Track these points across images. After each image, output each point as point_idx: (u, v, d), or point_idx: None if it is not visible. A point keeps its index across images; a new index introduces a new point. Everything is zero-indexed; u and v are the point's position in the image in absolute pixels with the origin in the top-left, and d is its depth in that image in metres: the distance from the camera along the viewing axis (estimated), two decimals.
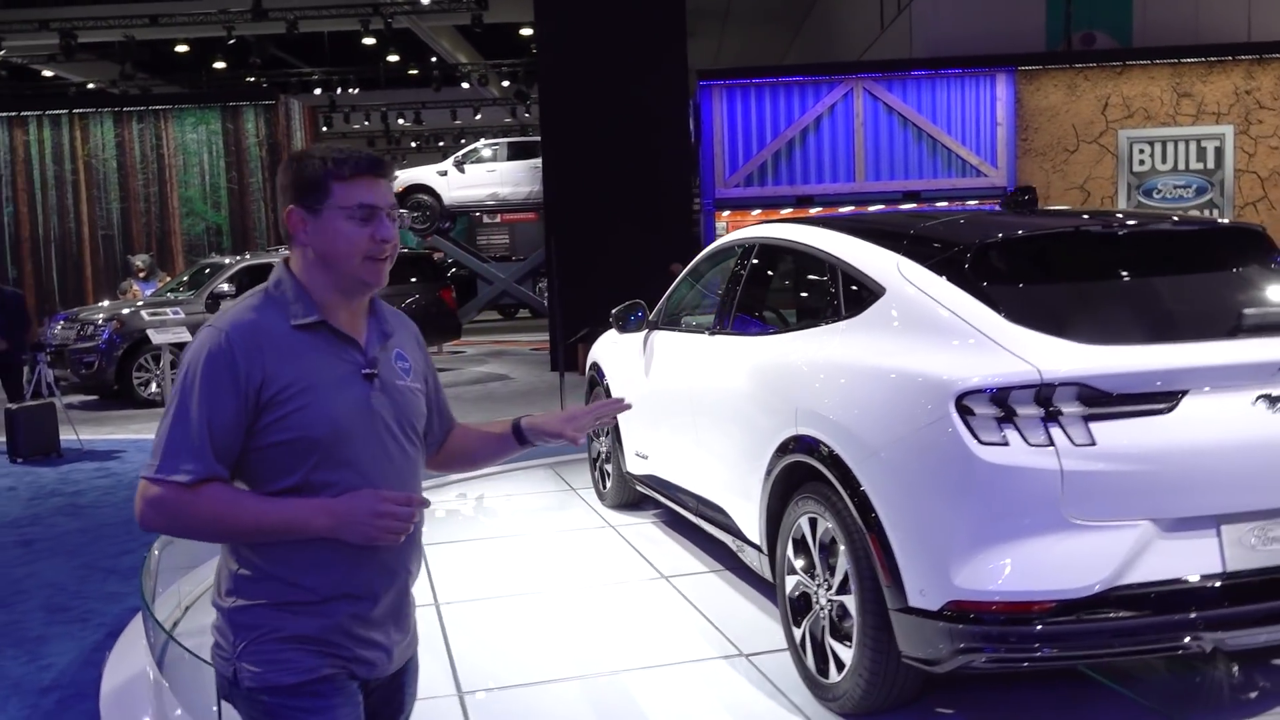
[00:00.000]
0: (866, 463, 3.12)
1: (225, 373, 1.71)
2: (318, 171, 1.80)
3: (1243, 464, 2.83)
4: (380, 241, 1.81)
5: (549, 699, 3.60)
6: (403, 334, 1.98)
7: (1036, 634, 2.78)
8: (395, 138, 33.92)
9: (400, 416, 1.87)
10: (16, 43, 21.82)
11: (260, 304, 1.81)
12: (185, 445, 1.70)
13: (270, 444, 1.75)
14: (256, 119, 17.05)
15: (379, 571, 1.82)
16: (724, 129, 18.21)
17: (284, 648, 1.78)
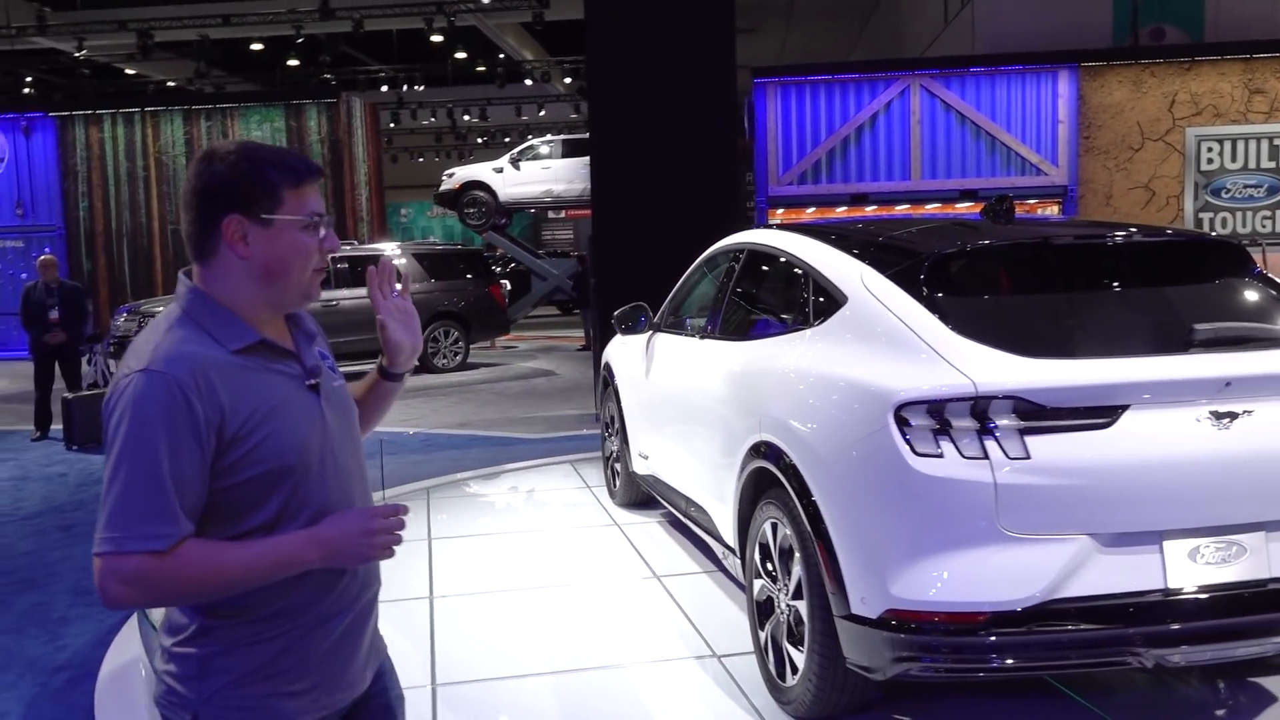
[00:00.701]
0: (817, 470, 3.16)
1: (182, 417, 1.53)
2: (267, 177, 1.64)
3: (1187, 481, 2.80)
4: (327, 253, 1.71)
5: (518, 693, 3.70)
6: (313, 329, 1.84)
7: (972, 645, 2.80)
8: (461, 134, 34.38)
9: (345, 419, 1.78)
10: (97, 42, 22.61)
11: (187, 334, 1.60)
12: (151, 507, 1.51)
13: (240, 481, 1.59)
14: (319, 116, 17.47)
15: (352, 587, 1.72)
16: (778, 126, 18.15)
17: (254, 691, 1.64)
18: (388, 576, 1.87)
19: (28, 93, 26.96)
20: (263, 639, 1.64)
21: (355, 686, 1.77)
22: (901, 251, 3.36)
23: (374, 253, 14.07)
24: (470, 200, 17.68)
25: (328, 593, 1.68)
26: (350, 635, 1.74)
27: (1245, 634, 2.85)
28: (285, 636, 1.65)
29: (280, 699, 1.65)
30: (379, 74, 28.65)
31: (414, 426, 9.82)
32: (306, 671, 1.67)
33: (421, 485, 6.91)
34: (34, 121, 17.73)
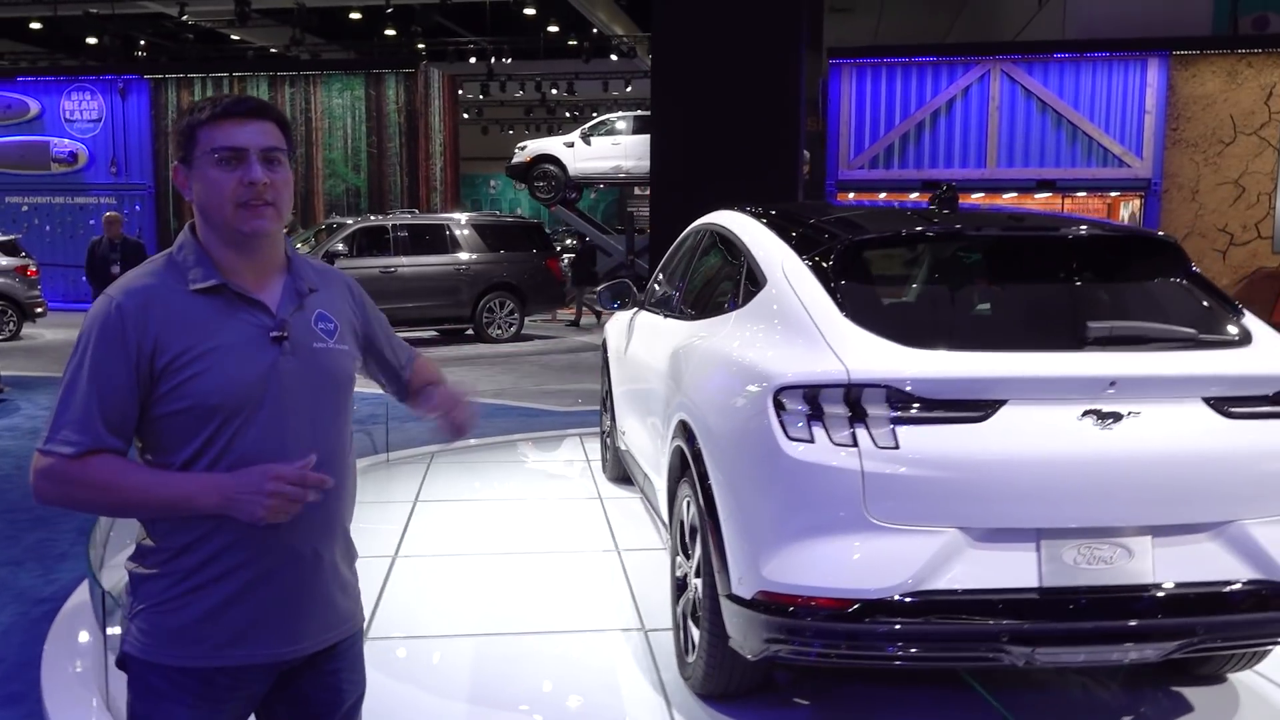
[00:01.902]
0: (712, 450, 3.19)
1: (114, 342, 1.65)
2: (185, 121, 1.72)
3: (1066, 480, 2.74)
4: (248, 185, 1.68)
5: (439, 651, 3.82)
6: (329, 291, 1.88)
7: (837, 631, 2.80)
8: (550, 107, 34.63)
9: (318, 383, 1.78)
10: (198, 8, 23.38)
11: (159, 269, 1.73)
12: (71, 417, 1.64)
13: (167, 413, 1.68)
14: (397, 86, 17.85)
15: (283, 554, 1.75)
16: (852, 108, 17.88)
17: (170, 621, 1.72)
18: (360, 533, 1.92)
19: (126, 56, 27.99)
20: (183, 572, 1.71)
21: (283, 649, 1.78)
22: (821, 237, 3.34)
23: (436, 222, 14.36)
24: (540, 174, 17.87)
25: (243, 544, 1.71)
26: (279, 597, 1.75)
27: (1121, 638, 2.80)
28: (204, 582, 1.71)
29: (180, 636, 1.72)
30: (469, 46, 28.98)
31: None
32: (220, 619, 1.72)
33: (426, 450, 7.09)
34: (130, 84, 18.51)
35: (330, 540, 1.83)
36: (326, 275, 1.91)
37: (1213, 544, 2.82)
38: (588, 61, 27.25)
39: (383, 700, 3.35)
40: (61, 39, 27.29)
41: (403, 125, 17.71)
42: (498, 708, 3.37)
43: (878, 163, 17.77)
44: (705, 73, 13.20)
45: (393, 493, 5.96)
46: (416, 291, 13.45)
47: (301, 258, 1.87)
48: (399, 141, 17.80)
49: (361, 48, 28.87)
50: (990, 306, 3.06)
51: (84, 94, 18.60)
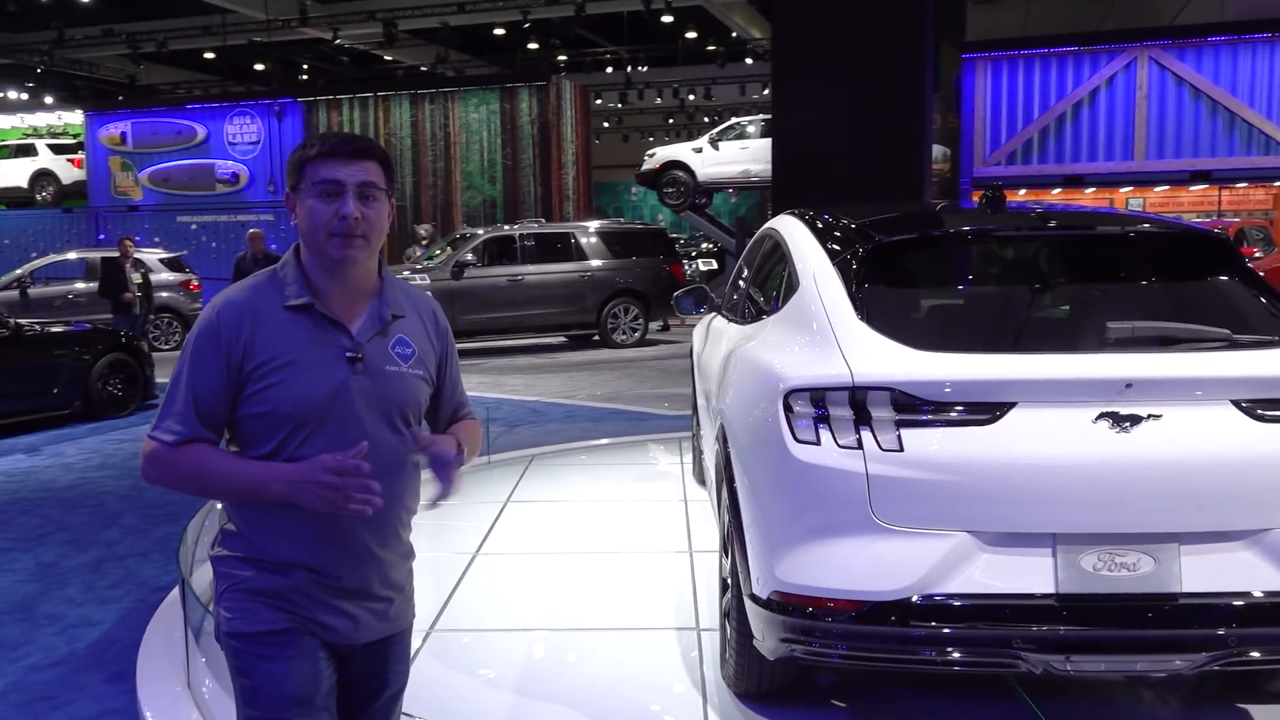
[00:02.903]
0: (737, 452, 3.23)
1: (211, 345, 1.86)
2: (298, 155, 1.92)
3: (1081, 484, 2.67)
4: (340, 217, 1.85)
5: (498, 644, 3.97)
6: (414, 319, 2.02)
7: (847, 632, 2.81)
8: (690, 113, 34.86)
9: (385, 402, 1.93)
10: (350, 31, 24.64)
11: (262, 283, 1.93)
12: (174, 409, 1.86)
13: (249, 415, 1.88)
14: (530, 99, 18.35)
15: (341, 551, 1.92)
16: (987, 104, 17.37)
17: (249, 599, 1.92)
18: (450, 531, 2.12)
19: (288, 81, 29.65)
20: (254, 559, 1.92)
21: (345, 635, 1.97)
22: (851, 241, 3.34)
23: (562, 230, 14.71)
24: (670, 180, 18.03)
25: (306, 544, 1.90)
26: (347, 596, 1.95)
27: (1145, 648, 2.70)
28: (272, 567, 1.92)
29: (265, 608, 1.92)
30: (606, 55, 29.49)
31: (565, 398, 10.30)
32: (288, 599, 1.92)
33: (527, 452, 7.31)
34: (285, 107, 19.65)
35: (385, 543, 1.99)
36: (416, 302, 2.06)
37: (1248, 553, 2.70)
38: (723, 66, 27.35)
39: (432, 689, 3.54)
40: (230, 67, 29.28)
41: (536, 136, 18.21)
42: (538, 699, 3.50)
43: (1015, 159, 17.20)
44: (826, 68, 12.93)
45: (487, 493, 6.19)
46: (542, 298, 13.81)
47: (397, 283, 2.03)
48: (532, 152, 18.30)
49: (505, 62, 29.81)
50: (1013, 308, 3.00)
51: (244, 118, 19.87)
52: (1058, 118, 16.78)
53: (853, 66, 12.15)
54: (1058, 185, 17.15)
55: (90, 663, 4.19)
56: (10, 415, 8.83)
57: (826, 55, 11.99)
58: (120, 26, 24.31)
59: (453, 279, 13.44)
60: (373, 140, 1.97)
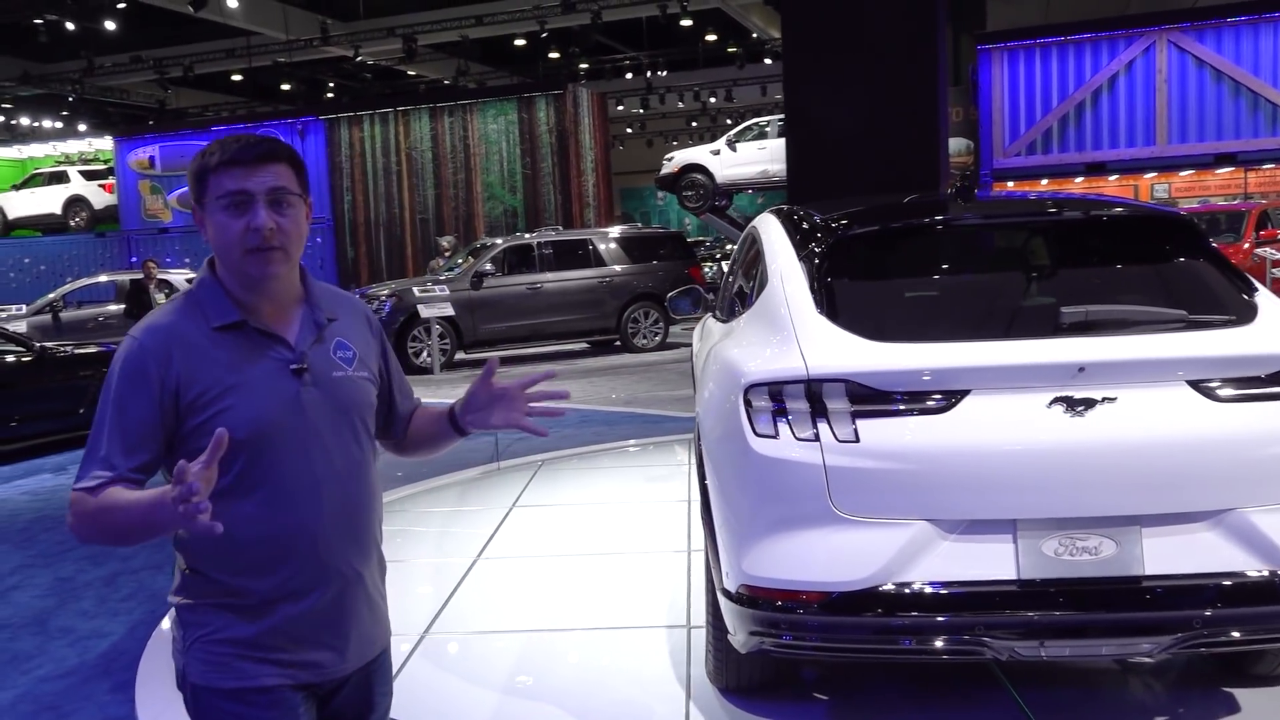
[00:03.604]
0: (707, 448, 3.27)
1: (137, 378, 1.69)
2: (197, 166, 1.74)
3: (1038, 470, 2.67)
4: (253, 230, 1.69)
5: (487, 647, 4.03)
6: (347, 319, 1.90)
7: (812, 624, 2.82)
8: (712, 115, 34.87)
9: (339, 410, 1.81)
10: (371, 48, 24.91)
11: (180, 307, 1.77)
12: (99, 454, 1.68)
13: (197, 448, 1.61)
14: (547, 108, 18.47)
15: (318, 570, 1.78)
16: (1004, 94, 17.23)
17: (224, 650, 1.75)
18: (453, 537, 2.11)
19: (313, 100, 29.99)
20: (223, 605, 1.75)
21: (330, 669, 1.82)
22: (816, 235, 3.36)
23: (579, 237, 14.78)
24: (688, 183, 18.04)
25: (282, 575, 1.75)
26: (325, 620, 1.79)
27: (1109, 631, 2.69)
28: (243, 609, 1.75)
29: (244, 661, 1.75)
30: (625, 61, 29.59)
31: (582, 403, 10.35)
32: (267, 644, 1.75)
33: (537, 457, 7.37)
34: (308, 125, 19.93)
35: (367, 558, 1.87)
36: (345, 303, 1.93)
37: (1211, 533, 2.69)
38: (743, 67, 27.35)
39: (419, 694, 3.59)
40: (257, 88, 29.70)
41: (554, 145, 18.33)
42: (524, 699, 3.55)
43: (1035, 148, 17.05)
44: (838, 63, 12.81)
45: (494, 498, 6.25)
46: (562, 305, 13.89)
47: (320, 286, 1.89)
48: (551, 161, 18.42)
49: (526, 72, 30.00)
50: (972, 296, 3.01)
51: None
52: (1077, 105, 16.62)
53: (865, 60, 12.00)
54: (1080, 174, 16.99)
55: (97, 673, 4.30)
56: (38, 436, 9.02)
57: (838, 49, 11.83)
58: (147, 53, 24.74)
59: (472, 289, 13.55)
60: (277, 140, 1.78)
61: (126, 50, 24.61)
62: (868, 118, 11.70)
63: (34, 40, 21.61)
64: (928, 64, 12.20)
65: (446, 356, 13.39)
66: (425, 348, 13.32)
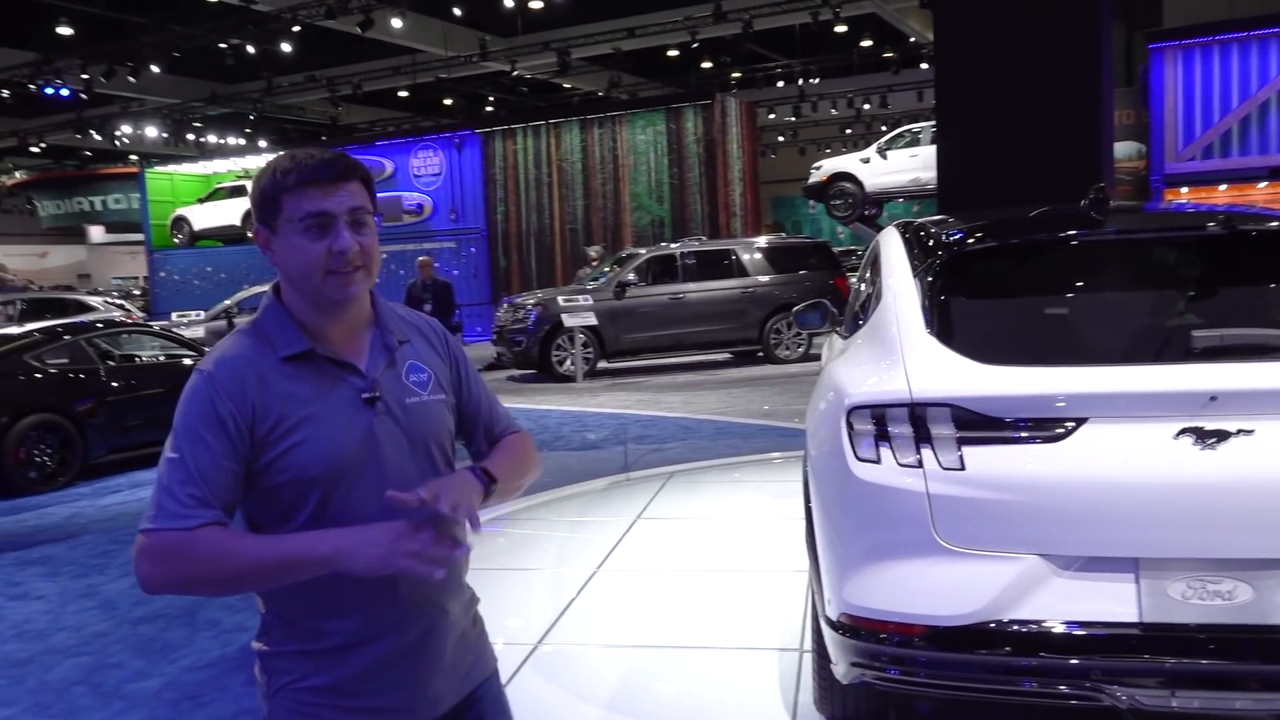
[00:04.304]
0: (812, 471, 3.18)
1: (210, 416, 1.60)
2: (268, 184, 1.66)
3: (1163, 505, 2.48)
4: (338, 254, 1.64)
5: (597, 661, 4.03)
6: (418, 341, 1.81)
7: (912, 658, 2.70)
8: (867, 122, 34.24)
9: (416, 438, 1.73)
10: (527, 63, 25.57)
11: (248, 337, 1.70)
12: (177, 493, 1.57)
13: (274, 485, 1.63)
14: (695, 118, 18.51)
15: (401, 611, 1.70)
16: (1178, 95, 16.28)
17: (309, 699, 1.69)
18: (576, 547, 2.05)
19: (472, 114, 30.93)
20: (311, 650, 1.68)
21: (421, 712, 1.75)
22: (935, 251, 3.23)
23: (723, 247, 14.73)
24: (837, 192, 17.74)
25: (369, 616, 1.68)
26: (411, 661, 1.72)
27: (1244, 685, 2.47)
28: (332, 653, 1.67)
29: (331, 711, 1.68)
30: (777, 69, 29.37)
31: (719, 414, 10.30)
32: (355, 690, 1.69)
33: (666, 469, 7.36)
34: (464, 139, 20.58)
35: (453, 593, 1.79)
36: (415, 323, 1.84)
37: None
38: (897, 73, 26.77)
39: (520, 705, 3.60)
40: (421, 103, 30.92)
41: (701, 155, 18.35)
42: (624, 715, 3.53)
43: (1213, 152, 16.03)
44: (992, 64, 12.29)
45: (619, 510, 6.28)
46: (704, 316, 13.87)
47: (388, 307, 1.80)
48: (699, 171, 18.44)
49: (678, 82, 30.18)
50: (1093, 317, 2.82)
51: (428, 151, 20.94)
52: (1260, 105, 15.53)
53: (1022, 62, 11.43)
54: (1263, 179, 15.88)
55: (235, 665, 4.51)
56: None
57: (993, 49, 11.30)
58: (320, 72, 26.10)
59: (615, 298, 13.69)
60: (350, 156, 1.71)
61: (302, 70, 26.07)
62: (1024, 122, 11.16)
63: (221, 63, 23.10)
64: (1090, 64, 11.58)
65: (589, 365, 13.56)
66: (569, 356, 13.53)
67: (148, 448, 9.11)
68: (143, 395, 9.07)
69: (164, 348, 10.15)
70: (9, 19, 21.89)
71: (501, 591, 4.82)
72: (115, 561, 6.26)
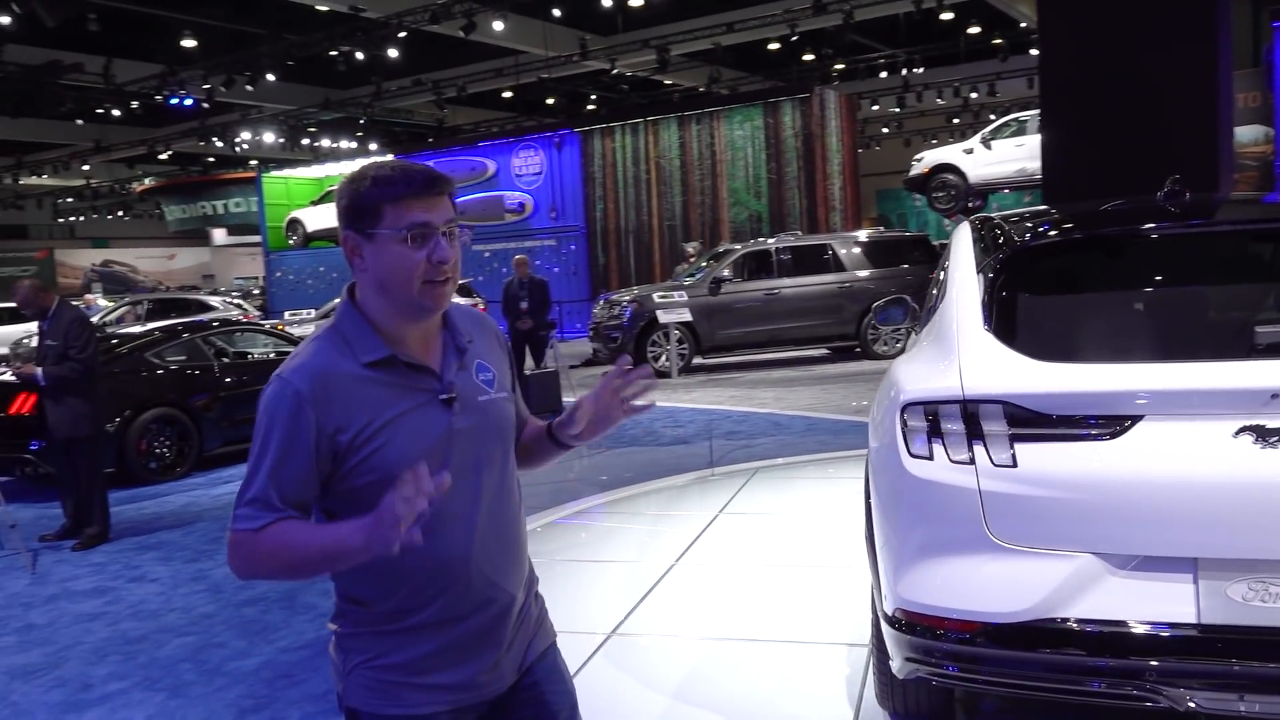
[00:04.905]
0: (871, 467, 3.19)
1: (291, 423, 1.68)
2: (369, 193, 1.72)
3: (1223, 505, 2.43)
4: (437, 264, 1.71)
5: (667, 651, 4.10)
6: (481, 340, 1.91)
7: (966, 654, 2.70)
8: (975, 111, 33.42)
9: (487, 435, 1.83)
10: (627, 60, 25.72)
11: (328, 343, 1.75)
12: (254, 495, 1.68)
13: (356, 486, 1.71)
14: (793, 112, 18.39)
15: (475, 597, 1.79)
16: None
17: (385, 677, 1.77)
18: (656, 539, 2.16)
19: (574, 113, 31.24)
20: (384, 631, 1.77)
21: (488, 687, 1.84)
22: (1000, 246, 3.21)
23: (818, 242, 14.63)
24: (939, 184, 17.43)
25: (435, 598, 1.76)
26: (478, 641, 1.80)
27: None
28: (402, 634, 1.76)
29: (405, 689, 1.77)
30: (880, 60, 28.88)
31: (812, 410, 10.26)
32: (428, 668, 1.77)
33: (752, 465, 7.38)
34: (564, 137, 20.86)
35: (520, 576, 1.88)
36: (477, 322, 1.93)
37: None
38: (1006, 60, 26.04)
39: (589, 692, 3.71)
40: (525, 103, 31.42)
41: (800, 149, 18.22)
42: (690, 705, 3.60)
43: None
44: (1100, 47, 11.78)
45: (703, 504, 6.34)
46: (800, 311, 13.80)
47: (455, 308, 1.87)
48: (797, 165, 18.32)
49: (780, 75, 29.97)
50: (1154, 313, 2.76)
51: (529, 150, 21.30)
52: None
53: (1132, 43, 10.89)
54: None
55: (328, 648, 4.73)
56: None
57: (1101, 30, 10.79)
58: (426, 75, 26.75)
59: (710, 294, 13.72)
60: (443, 173, 1.79)
61: (409, 74, 26.76)
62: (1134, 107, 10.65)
63: (333, 70, 23.90)
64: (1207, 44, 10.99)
65: (684, 361, 13.63)
66: (664, 352, 13.62)
67: None
68: (253, 390, 9.48)
69: (274, 345, 10.61)
70: (138, 34, 23.07)
71: (579, 582, 4.94)
72: (224, 548, 6.59)
